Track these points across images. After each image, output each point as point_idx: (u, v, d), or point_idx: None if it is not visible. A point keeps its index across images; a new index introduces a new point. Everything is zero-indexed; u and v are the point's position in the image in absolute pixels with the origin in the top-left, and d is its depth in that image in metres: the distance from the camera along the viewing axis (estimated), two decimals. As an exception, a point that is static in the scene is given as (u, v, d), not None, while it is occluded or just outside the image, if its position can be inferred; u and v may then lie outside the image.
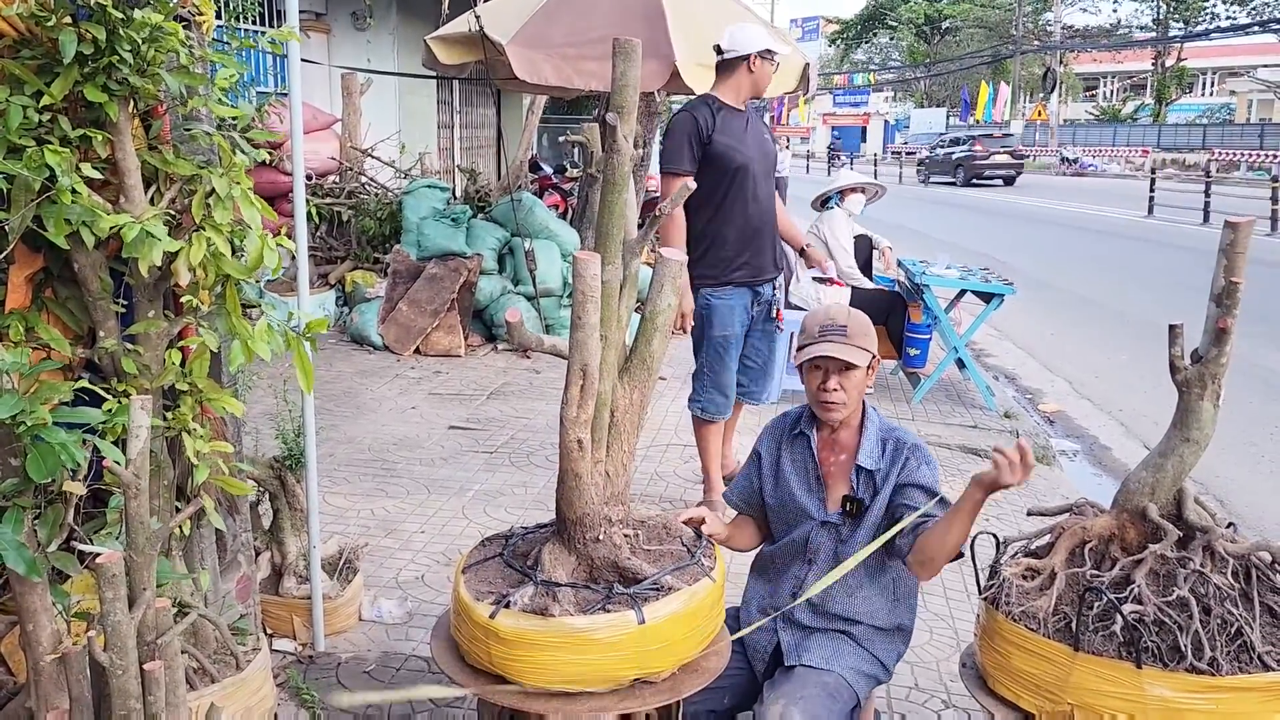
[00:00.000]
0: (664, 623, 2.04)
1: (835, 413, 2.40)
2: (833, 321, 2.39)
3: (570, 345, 2.06)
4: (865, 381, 2.40)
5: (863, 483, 2.40)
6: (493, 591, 2.12)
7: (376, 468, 5.01)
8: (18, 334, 2.00)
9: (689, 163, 4.07)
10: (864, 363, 2.36)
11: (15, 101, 1.85)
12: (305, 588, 3.20)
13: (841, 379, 2.36)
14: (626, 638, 2.00)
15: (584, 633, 1.99)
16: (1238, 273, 2.02)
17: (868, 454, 2.39)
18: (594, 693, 2.03)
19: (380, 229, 8.56)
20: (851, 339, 2.36)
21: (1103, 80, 61.21)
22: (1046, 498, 4.77)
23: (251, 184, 2.20)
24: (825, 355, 2.35)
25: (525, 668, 2.01)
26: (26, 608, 1.86)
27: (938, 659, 3.31)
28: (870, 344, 2.39)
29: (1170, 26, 45.77)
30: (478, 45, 6.47)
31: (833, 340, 2.36)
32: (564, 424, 2.08)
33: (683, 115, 4.13)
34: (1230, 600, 2.01)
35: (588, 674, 2.02)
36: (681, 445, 5.47)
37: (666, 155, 4.13)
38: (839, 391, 2.37)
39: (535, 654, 2.00)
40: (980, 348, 8.73)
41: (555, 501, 2.20)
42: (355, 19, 11.60)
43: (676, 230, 4.09)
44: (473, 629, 2.07)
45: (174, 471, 2.25)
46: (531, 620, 2.00)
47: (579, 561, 2.17)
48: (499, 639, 2.02)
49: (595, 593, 2.08)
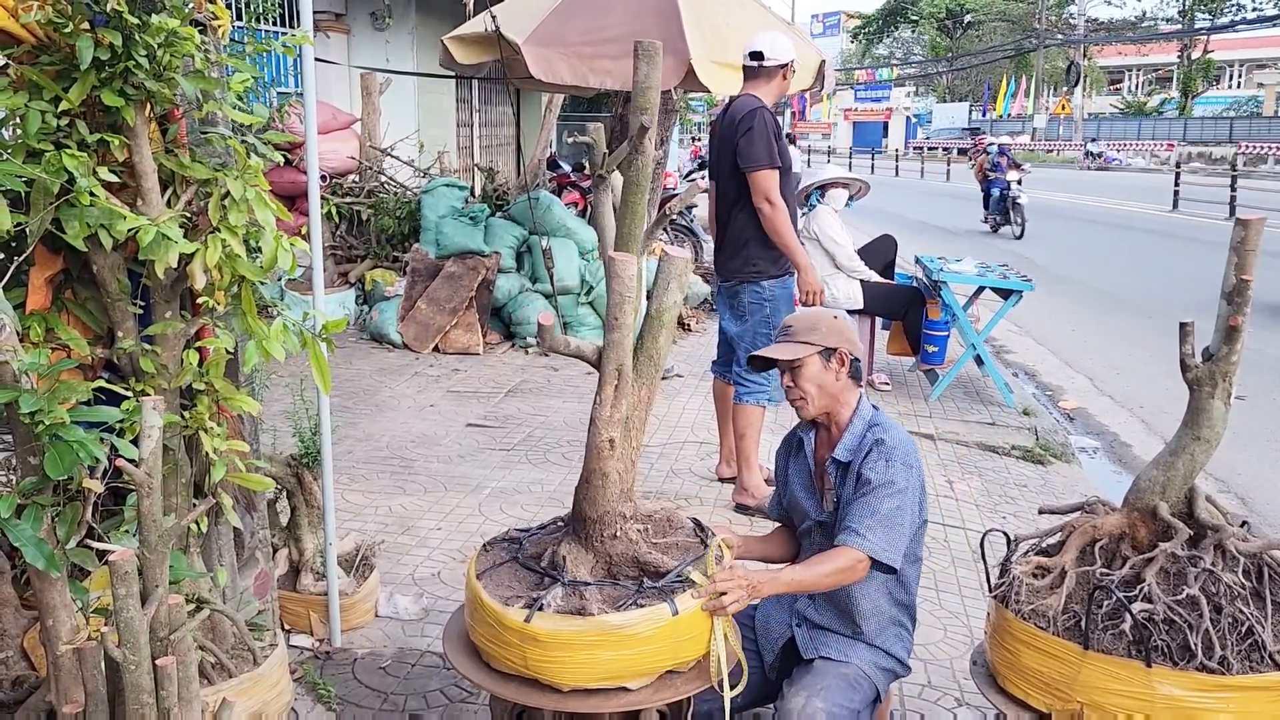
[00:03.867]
0: (694, 613, 2.08)
1: (803, 409, 2.46)
2: (785, 326, 2.50)
3: (605, 345, 2.07)
4: (825, 375, 2.42)
5: (839, 475, 2.43)
6: (517, 595, 2.11)
7: (394, 465, 5.05)
8: (37, 334, 2.04)
9: (777, 158, 4.21)
10: (805, 355, 2.40)
11: (34, 107, 1.89)
12: (322, 584, 3.23)
13: (795, 376, 2.43)
14: (661, 630, 2.04)
15: (621, 629, 2.01)
16: (1249, 270, 2.01)
17: (845, 447, 2.42)
18: (628, 689, 2.06)
19: (399, 228, 8.61)
20: (794, 337, 2.44)
21: (1127, 73, 60.61)
22: (1065, 495, 4.75)
23: (268, 186, 2.23)
24: (766, 358, 2.47)
25: (564, 668, 2.02)
26: (46, 603, 1.90)
27: (951, 657, 3.31)
28: (817, 337, 2.42)
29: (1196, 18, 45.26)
30: (494, 45, 6.50)
31: (778, 342, 2.46)
32: (596, 424, 2.09)
33: (764, 114, 4.22)
34: (1241, 599, 2.00)
35: (625, 669, 2.05)
36: (698, 443, 5.49)
37: (756, 152, 4.19)
38: (794, 388, 2.44)
39: (574, 654, 2.01)
40: (1000, 344, 8.69)
41: (574, 500, 2.22)
42: (374, 19, 11.66)
43: (785, 222, 4.24)
44: (504, 634, 2.05)
45: (192, 469, 2.28)
46: (570, 621, 2.01)
47: (597, 559, 2.19)
48: (536, 642, 2.01)
49: (624, 589, 2.10)
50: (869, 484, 2.31)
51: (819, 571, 2.25)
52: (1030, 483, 5.14)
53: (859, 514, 2.29)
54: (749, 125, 4.19)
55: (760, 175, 4.18)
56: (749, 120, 4.20)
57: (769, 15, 6.96)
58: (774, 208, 4.18)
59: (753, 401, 4.48)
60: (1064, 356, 8.44)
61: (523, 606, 2.06)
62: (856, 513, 2.29)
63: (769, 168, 4.17)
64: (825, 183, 6.79)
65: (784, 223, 4.21)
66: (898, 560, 2.27)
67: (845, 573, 2.26)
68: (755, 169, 4.19)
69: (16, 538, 1.78)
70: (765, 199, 4.18)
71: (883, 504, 2.28)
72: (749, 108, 4.22)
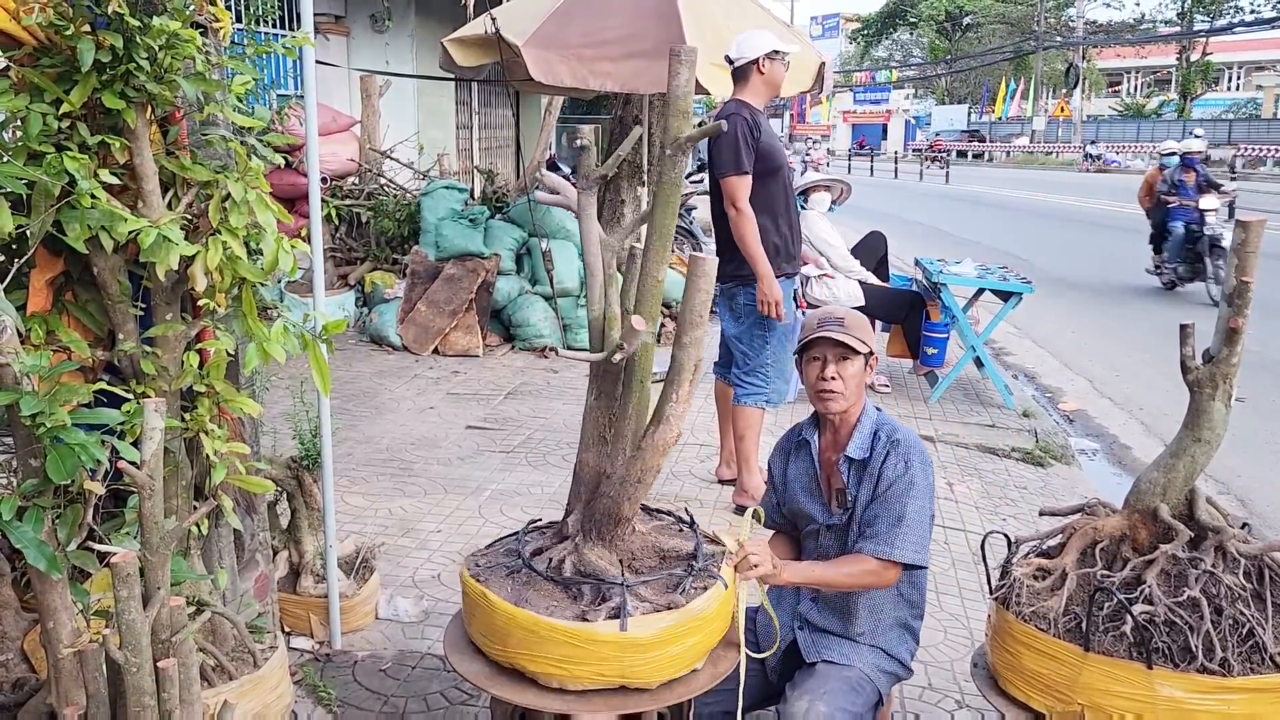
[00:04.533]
0: (733, 584, 2.15)
1: (834, 402, 2.41)
2: (830, 315, 2.45)
3: (686, 342, 2.05)
4: (863, 376, 2.43)
5: (853, 473, 2.42)
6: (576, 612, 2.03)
7: (394, 467, 5.05)
8: (38, 336, 2.04)
9: (748, 163, 4.18)
10: (861, 352, 2.40)
11: (35, 109, 1.89)
12: (322, 586, 3.23)
13: (839, 368, 2.39)
14: (721, 606, 2.10)
15: (702, 613, 2.06)
16: (1249, 272, 2.01)
17: (857, 445, 2.41)
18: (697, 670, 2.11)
19: (399, 230, 8.61)
20: (849, 330, 2.40)
21: (1126, 75, 60.66)
22: (1064, 497, 4.75)
23: (269, 188, 2.23)
24: (823, 337, 2.40)
25: (660, 666, 2.02)
26: (47, 605, 1.90)
27: (951, 659, 3.31)
28: (867, 339, 2.42)
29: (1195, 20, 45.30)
30: (494, 47, 6.50)
31: (830, 330, 2.40)
32: (669, 420, 2.06)
33: (738, 120, 4.18)
34: (1242, 601, 2.00)
35: (700, 651, 2.10)
36: (698, 445, 5.49)
37: (724, 159, 4.18)
38: (836, 380, 2.39)
39: (668, 648, 2.02)
40: (1000, 346, 8.69)
41: (600, 501, 2.16)
42: (374, 21, 11.67)
43: (751, 229, 4.20)
44: (592, 649, 1.98)
45: (192, 472, 2.28)
46: (664, 618, 2.01)
47: (619, 556, 2.17)
48: (638, 648, 1.98)
49: (670, 576, 2.12)
50: (891, 485, 2.32)
51: (844, 572, 2.27)
52: (1030, 485, 5.14)
53: (885, 520, 2.30)
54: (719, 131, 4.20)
55: (727, 181, 4.20)
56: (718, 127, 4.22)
57: (768, 17, 6.96)
58: (740, 214, 4.18)
59: (752, 403, 4.48)
60: (1064, 358, 8.45)
61: (609, 617, 2.00)
62: (883, 518, 2.30)
63: (735, 174, 4.17)
64: (806, 187, 6.82)
65: (748, 229, 4.18)
66: (927, 560, 2.31)
67: (874, 578, 2.29)
68: (723, 175, 4.22)
69: (18, 540, 1.78)
70: (732, 204, 4.18)
71: (908, 507, 2.30)
72: (726, 114, 4.23)
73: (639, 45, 6.07)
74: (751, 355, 4.46)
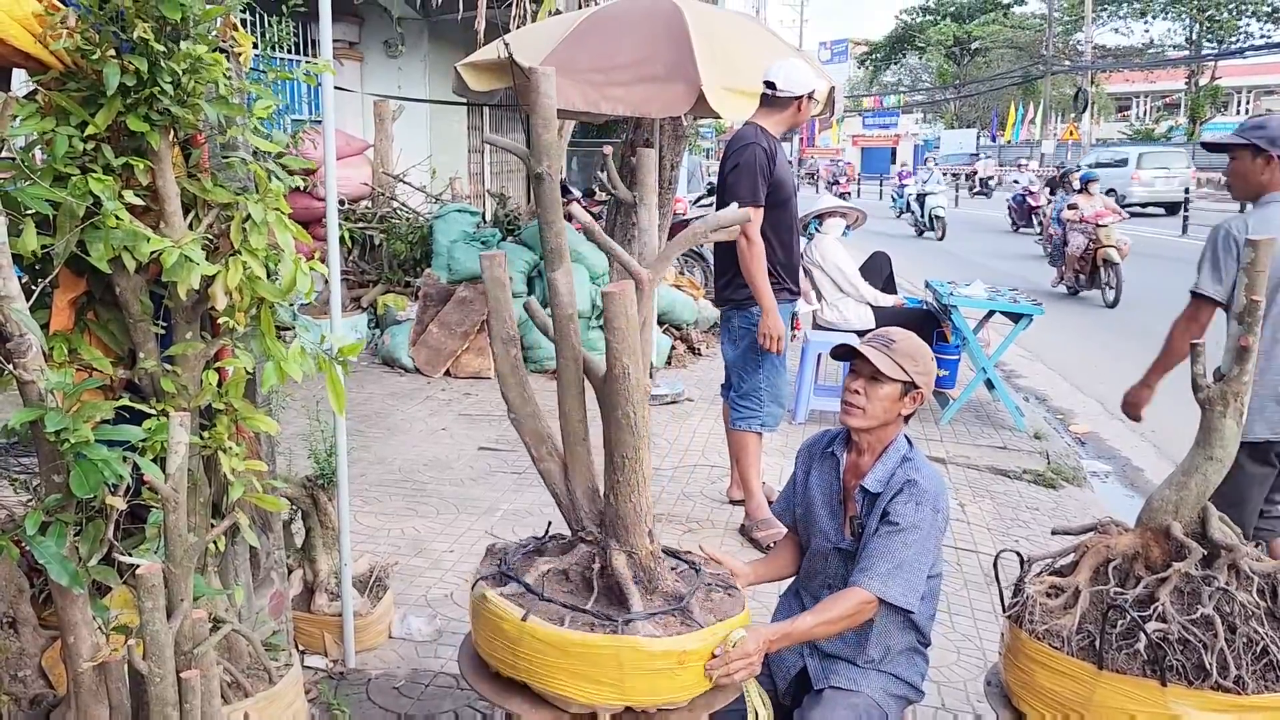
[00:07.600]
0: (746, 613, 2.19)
1: (852, 417, 2.38)
2: (885, 334, 2.40)
3: None
4: (895, 404, 2.37)
5: (866, 504, 2.39)
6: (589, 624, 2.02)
7: (407, 488, 5.06)
8: (61, 355, 2.08)
9: (763, 196, 4.20)
10: (896, 377, 2.33)
11: (61, 131, 1.93)
12: (336, 605, 3.25)
13: (867, 386, 2.35)
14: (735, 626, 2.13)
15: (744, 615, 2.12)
16: (1258, 290, 2.02)
17: (875, 478, 2.37)
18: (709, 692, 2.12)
19: (411, 253, 8.67)
20: (893, 353, 2.35)
21: (1135, 100, 60.71)
22: (1077, 518, 4.73)
23: (289, 209, 2.27)
24: (856, 348, 2.37)
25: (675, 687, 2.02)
26: (67, 620, 1.92)
27: (965, 679, 3.30)
28: (913, 369, 2.35)
29: (1203, 45, 45.40)
30: (507, 71, 6.57)
31: (873, 346, 2.36)
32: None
33: (754, 150, 4.19)
34: (1256, 618, 2.00)
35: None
36: (709, 466, 5.49)
37: (740, 190, 4.17)
38: (860, 396, 2.35)
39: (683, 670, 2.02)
40: (1011, 368, 8.68)
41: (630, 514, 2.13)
42: (388, 47, 11.81)
43: (760, 262, 4.20)
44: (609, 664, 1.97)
45: (210, 489, 2.31)
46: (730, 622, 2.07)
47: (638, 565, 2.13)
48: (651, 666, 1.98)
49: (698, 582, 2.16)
50: (894, 526, 2.28)
51: (830, 617, 2.22)
52: (1042, 506, 5.12)
53: (880, 557, 2.25)
54: (737, 161, 4.22)
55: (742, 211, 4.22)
56: (738, 156, 4.23)
57: (778, 43, 7.03)
58: (750, 244, 4.17)
59: (745, 427, 4.47)
60: (1075, 381, 8.43)
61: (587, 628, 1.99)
62: (879, 555, 2.26)
63: (750, 206, 4.16)
64: (822, 212, 6.86)
65: (756, 261, 4.18)
66: (915, 605, 2.26)
67: (857, 617, 2.25)
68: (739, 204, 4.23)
69: (41, 554, 1.80)
70: (743, 234, 4.17)
71: (907, 550, 2.25)
72: (744, 141, 4.23)
73: (650, 70, 6.12)
74: (745, 379, 4.46)
